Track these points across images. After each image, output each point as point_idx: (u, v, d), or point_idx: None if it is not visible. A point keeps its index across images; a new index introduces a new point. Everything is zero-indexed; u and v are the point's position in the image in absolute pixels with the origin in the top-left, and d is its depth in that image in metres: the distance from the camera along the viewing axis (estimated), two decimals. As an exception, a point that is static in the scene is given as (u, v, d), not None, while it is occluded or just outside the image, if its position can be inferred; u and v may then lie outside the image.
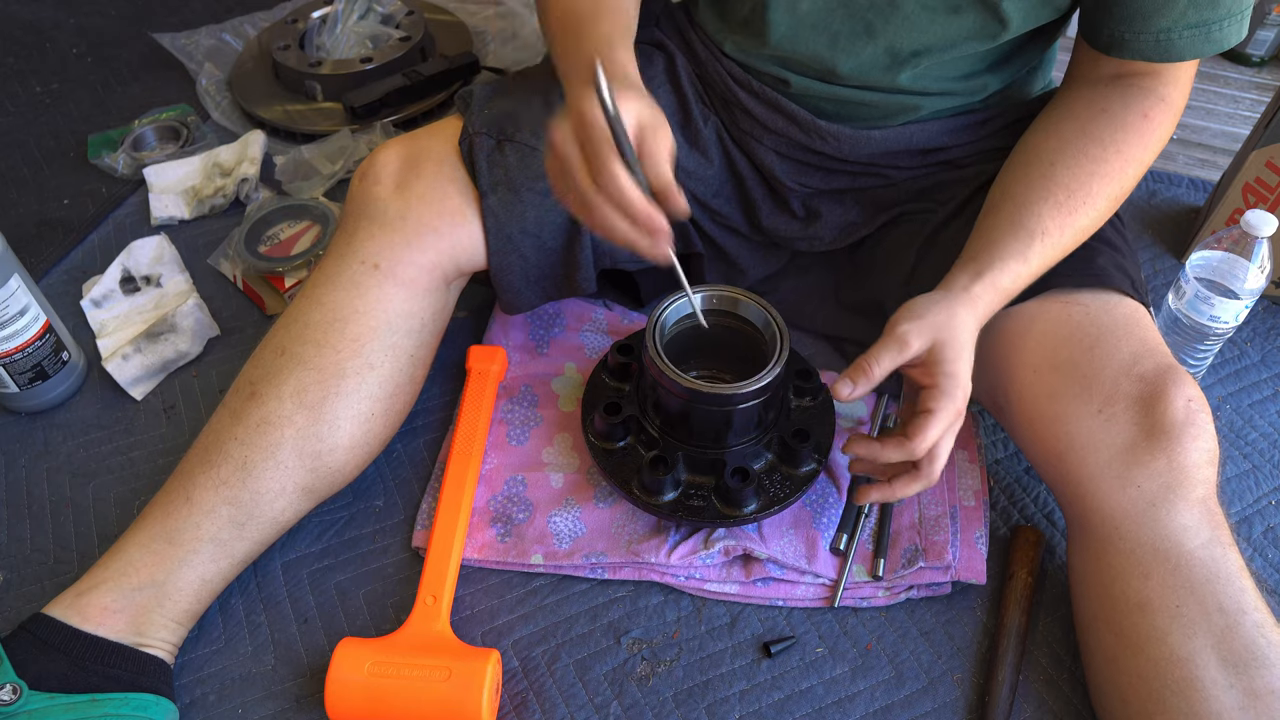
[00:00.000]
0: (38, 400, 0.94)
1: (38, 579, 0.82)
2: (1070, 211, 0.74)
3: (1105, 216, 0.76)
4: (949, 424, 0.69)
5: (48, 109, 1.34)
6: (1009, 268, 0.72)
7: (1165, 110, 0.75)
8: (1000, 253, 0.73)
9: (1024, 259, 0.73)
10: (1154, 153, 0.76)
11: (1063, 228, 0.73)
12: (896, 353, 0.69)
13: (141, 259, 1.08)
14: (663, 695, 0.75)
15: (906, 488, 0.73)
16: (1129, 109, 0.75)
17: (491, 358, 0.93)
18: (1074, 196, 0.74)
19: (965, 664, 0.77)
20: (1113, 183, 0.75)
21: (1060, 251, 0.75)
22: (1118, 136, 0.74)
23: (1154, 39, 0.71)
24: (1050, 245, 0.73)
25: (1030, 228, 0.73)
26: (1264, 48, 1.41)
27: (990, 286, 0.72)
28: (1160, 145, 0.76)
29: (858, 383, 0.70)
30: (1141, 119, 0.75)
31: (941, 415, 0.68)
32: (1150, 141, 0.75)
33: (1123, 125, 0.75)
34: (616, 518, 0.84)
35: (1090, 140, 0.75)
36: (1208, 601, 0.64)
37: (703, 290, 0.80)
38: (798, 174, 0.89)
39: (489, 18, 1.47)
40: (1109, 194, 0.75)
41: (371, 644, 0.73)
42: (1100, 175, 0.74)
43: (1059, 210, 0.73)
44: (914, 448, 0.69)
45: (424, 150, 0.83)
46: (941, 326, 0.69)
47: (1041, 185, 0.75)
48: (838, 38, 0.78)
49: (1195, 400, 0.70)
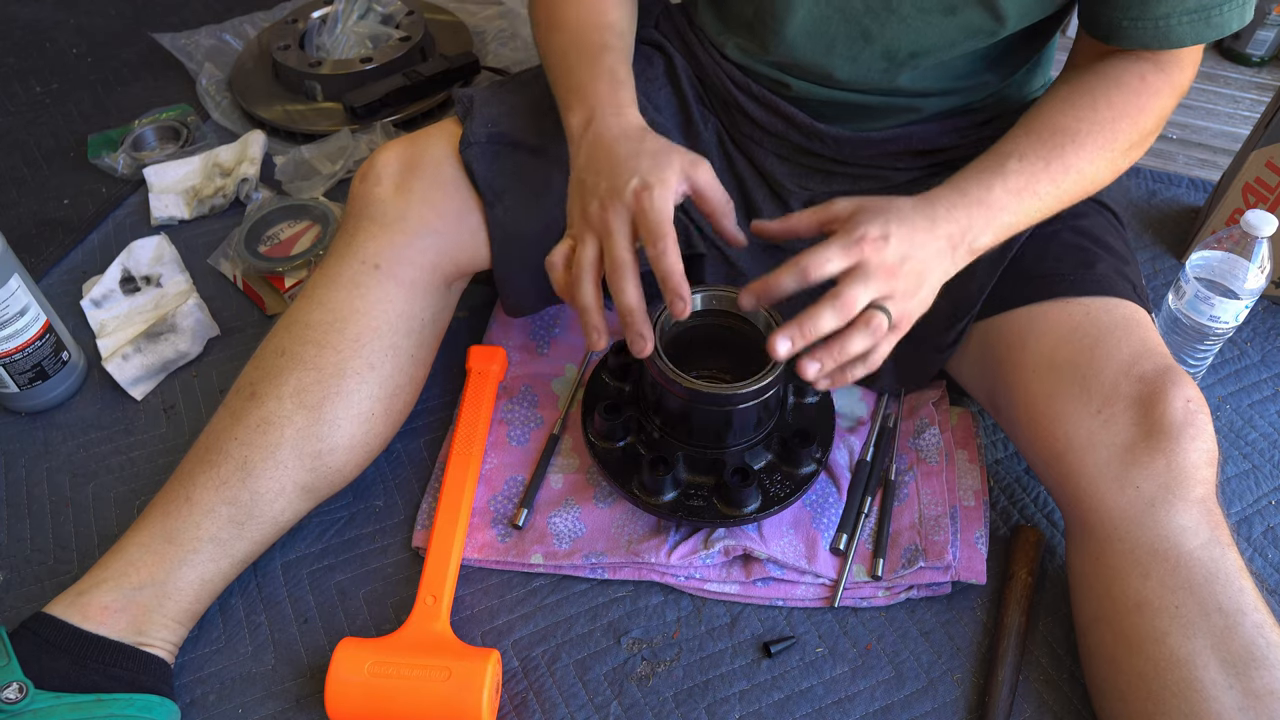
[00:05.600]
0: (38, 400, 0.94)
1: (38, 579, 0.82)
2: (1056, 147, 0.71)
3: (1103, 167, 0.73)
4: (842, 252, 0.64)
5: (48, 109, 1.34)
6: (977, 178, 0.69)
7: (1164, 79, 0.73)
8: (969, 169, 0.71)
9: (998, 172, 0.69)
10: (1150, 116, 0.73)
11: (1048, 159, 0.70)
12: (817, 210, 0.68)
13: (141, 259, 1.08)
14: (663, 695, 0.75)
15: (816, 318, 0.63)
16: (1125, 70, 0.73)
17: (491, 358, 0.93)
18: (1061, 133, 0.71)
19: (965, 664, 0.77)
20: (1103, 130, 0.72)
21: (1051, 184, 0.70)
22: (1110, 91, 0.73)
23: (1153, 25, 0.70)
24: (1031, 170, 0.70)
25: (1004, 150, 0.71)
26: (1264, 48, 1.41)
27: (952, 188, 0.69)
28: (1158, 112, 0.74)
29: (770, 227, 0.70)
30: (1138, 79, 0.73)
31: (833, 243, 0.64)
32: (1146, 102, 0.73)
33: (1116, 82, 0.73)
34: (616, 518, 0.84)
35: (1079, 92, 0.73)
36: (1207, 602, 0.64)
37: (703, 290, 0.80)
38: (798, 176, 0.89)
39: (489, 18, 1.47)
40: (1100, 141, 0.72)
41: (371, 644, 0.73)
42: (1089, 120, 0.71)
43: (1041, 143, 0.71)
44: (804, 264, 0.63)
45: (424, 151, 0.83)
46: (872, 199, 0.67)
47: (1024, 126, 0.73)
48: (835, 44, 0.78)
49: (1194, 401, 0.70)
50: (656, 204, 0.65)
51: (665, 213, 0.66)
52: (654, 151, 0.68)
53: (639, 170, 0.67)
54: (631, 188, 0.66)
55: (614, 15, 0.81)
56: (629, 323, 0.68)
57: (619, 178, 0.67)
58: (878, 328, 0.65)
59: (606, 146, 0.70)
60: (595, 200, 0.68)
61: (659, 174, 0.66)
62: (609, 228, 0.67)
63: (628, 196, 0.66)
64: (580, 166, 0.72)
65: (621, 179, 0.67)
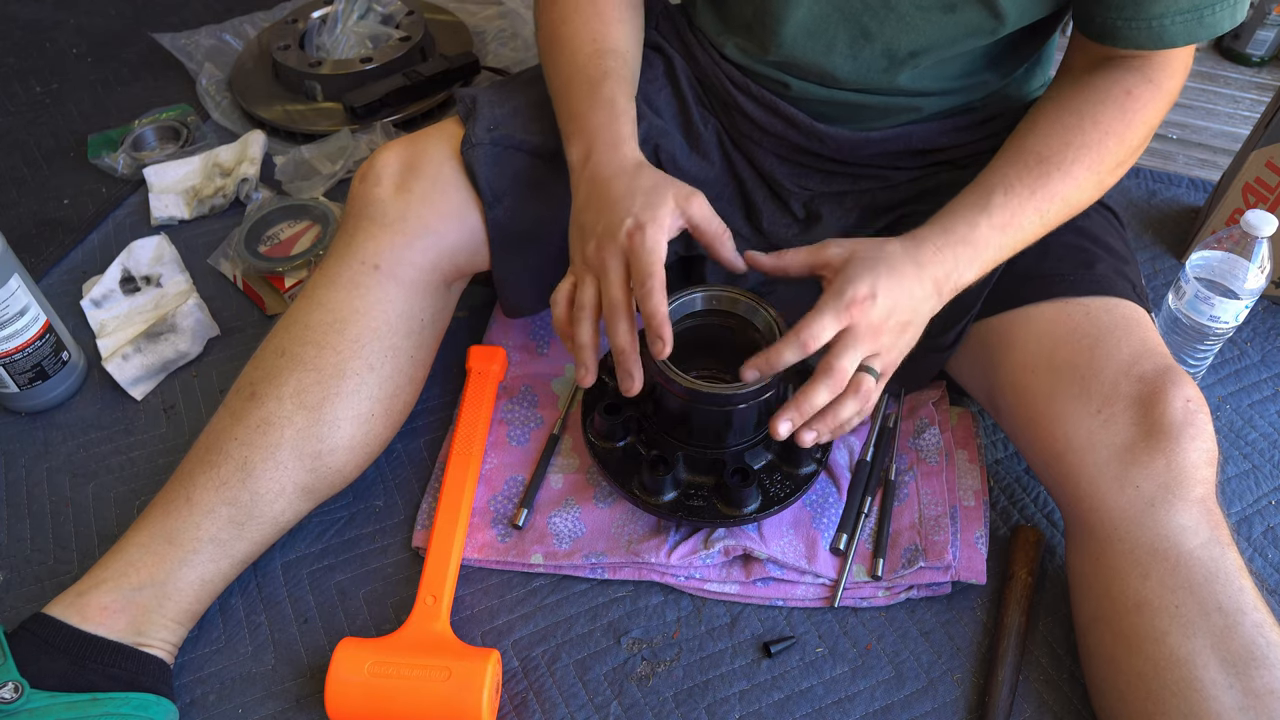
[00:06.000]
0: (38, 400, 0.94)
1: (38, 579, 0.82)
2: (1042, 176, 0.72)
3: (1089, 189, 0.74)
4: (834, 319, 0.66)
5: (48, 109, 1.34)
6: (963, 215, 0.71)
7: (1151, 91, 0.74)
8: (955, 205, 0.73)
9: (983, 209, 0.71)
10: (1138, 132, 0.74)
11: (1033, 189, 0.72)
12: (812, 252, 0.71)
13: (141, 259, 1.08)
14: (663, 695, 0.75)
15: (812, 396, 0.68)
16: (1112, 84, 0.74)
17: (491, 358, 0.93)
18: (1046, 161, 0.72)
19: (965, 664, 0.77)
20: (1089, 152, 0.73)
21: (1036, 214, 0.72)
22: (1096, 110, 0.73)
23: (1147, 26, 0.71)
24: (1018, 203, 0.71)
25: (990, 183, 0.72)
26: (1264, 48, 1.41)
27: (938, 229, 0.71)
28: (1146, 126, 0.74)
29: (763, 261, 0.72)
30: (1124, 94, 0.73)
31: (826, 310, 0.66)
32: (1132, 118, 0.73)
33: (1102, 99, 0.74)
34: (616, 518, 0.84)
35: (1066, 111, 0.74)
36: (1207, 601, 0.64)
37: (703, 290, 0.80)
38: (798, 176, 0.89)
39: (489, 18, 1.47)
40: (1086, 163, 0.73)
41: (371, 644, 0.73)
42: (1076, 144, 0.72)
43: (1027, 172, 0.72)
44: (802, 338, 0.66)
45: (424, 151, 0.83)
46: (863, 246, 0.70)
47: (1011, 152, 0.74)
48: (834, 43, 0.78)
49: (1194, 401, 0.70)
50: (648, 244, 0.67)
51: (656, 253, 0.68)
52: (648, 189, 0.70)
53: (633, 210, 0.69)
54: (625, 228, 0.68)
55: (616, 35, 0.81)
56: (620, 362, 0.71)
57: (614, 216, 0.69)
58: (867, 392, 0.69)
59: (603, 185, 0.72)
60: (593, 241, 0.70)
61: (652, 212, 0.68)
62: (605, 268, 0.69)
63: (621, 237, 0.68)
64: (579, 207, 0.73)
65: (616, 218, 0.69)
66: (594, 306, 0.71)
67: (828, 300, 0.67)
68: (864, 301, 0.67)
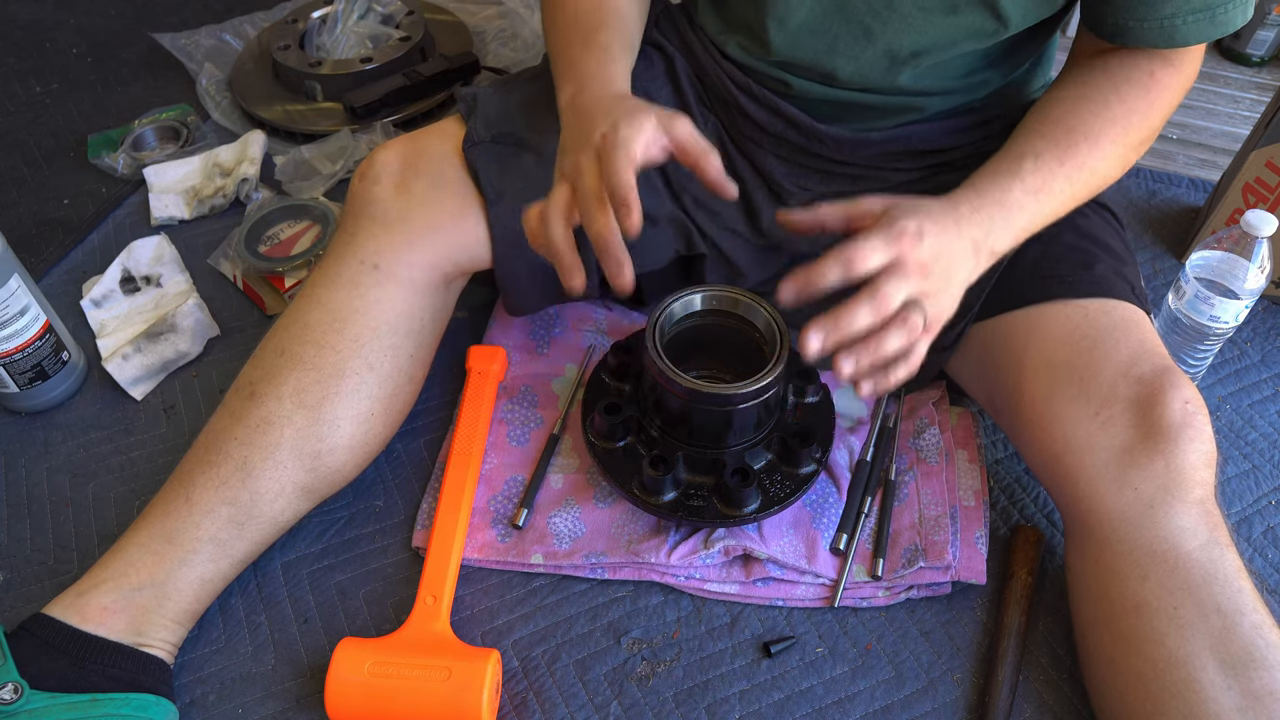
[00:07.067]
0: (38, 400, 0.94)
1: (38, 579, 0.82)
2: (1070, 146, 0.71)
3: (1115, 163, 0.73)
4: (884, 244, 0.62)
5: (48, 109, 1.34)
6: (995, 179, 0.70)
7: (1173, 73, 0.74)
8: (986, 171, 0.71)
9: (1015, 174, 0.70)
10: (1159, 112, 0.74)
11: (1061, 159, 0.71)
12: (848, 205, 0.67)
13: (141, 259, 1.08)
14: (663, 695, 0.75)
15: (852, 313, 0.61)
16: (1134, 67, 0.74)
17: (491, 358, 0.93)
18: (1074, 132, 0.72)
19: (965, 664, 0.77)
20: (1115, 126, 0.72)
21: (1066, 182, 0.71)
22: (1121, 87, 0.73)
23: (1158, 26, 0.71)
24: (1048, 170, 0.70)
25: (1020, 150, 0.71)
26: (1264, 48, 1.41)
27: (971, 191, 0.69)
28: (1167, 107, 0.74)
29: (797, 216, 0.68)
30: (1147, 75, 0.73)
31: (875, 234, 0.63)
32: (1155, 98, 0.73)
33: (1127, 78, 0.73)
34: (616, 518, 0.84)
35: (1090, 87, 0.74)
36: (1206, 603, 0.64)
37: (703, 290, 0.80)
38: (798, 177, 0.89)
39: (489, 18, 1.47)
40: (1113, 136, 0.72)
41: (371, 644, 0.73)
42: (1104, 117, 0.72)
43: (1055, 143, 0.71)
44: (848, 254, 0.61)
45: (424, 150, 0.83)
46: (902, 198, 0.67)
47: (1036, 123, 0.73)
48: (836, 42, 0.78)
49: (1192, 402, 0.70)
50: (621, 135, 0.63)
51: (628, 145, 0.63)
52: (631, 108, 0.67)
53: (612, 118, 0.65)
54: (600, 130, 0.65)
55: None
56: (603, 249, 0.64)
57: (591, 125, 0.66)
58: (914, 326, 0.63)
59: (587, 112, 0.69)
60: (570, 156, 0.67)
61: (630, 117, 0.65)
62: (579, 169, 0.65)
63: (596, 139, 0.65)
64: (562, 140, 0.71)
65: (593, 126, 0.66)
66: (565, 208, 0.66)
67: (877, 229, 0.63)
68: (913, 236, 0.63)
